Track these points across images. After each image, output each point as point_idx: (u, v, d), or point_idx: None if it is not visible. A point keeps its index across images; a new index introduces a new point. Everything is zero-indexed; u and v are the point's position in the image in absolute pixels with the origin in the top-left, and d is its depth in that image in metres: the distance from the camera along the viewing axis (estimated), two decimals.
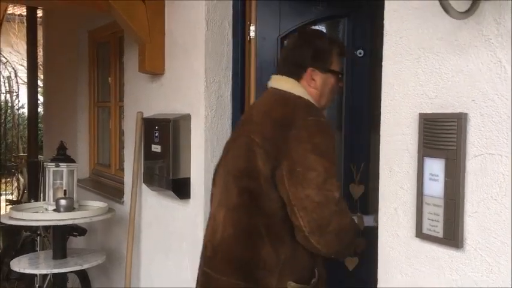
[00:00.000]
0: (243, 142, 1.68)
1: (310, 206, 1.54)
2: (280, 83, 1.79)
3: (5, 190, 6.99)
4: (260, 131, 1.65)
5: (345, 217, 1.60)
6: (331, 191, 1.55)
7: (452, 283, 1.21)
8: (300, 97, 1.73)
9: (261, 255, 1.62)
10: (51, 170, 3.07)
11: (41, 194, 4.91)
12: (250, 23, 2.50)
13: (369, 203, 2.53)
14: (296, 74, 1.77)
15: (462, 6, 1.10)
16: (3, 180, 6.98)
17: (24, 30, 8.80)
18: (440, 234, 1.23)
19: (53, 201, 3.02)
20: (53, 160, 3.12)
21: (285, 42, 1.88)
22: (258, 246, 1.63)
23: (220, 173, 1.80)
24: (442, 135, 1.22)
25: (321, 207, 1.54)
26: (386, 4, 1.39)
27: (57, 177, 3.08)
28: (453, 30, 1.19)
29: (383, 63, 1.41)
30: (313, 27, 2.55)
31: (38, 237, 4.07)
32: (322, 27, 2.59)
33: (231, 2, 2.53)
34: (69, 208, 2.95)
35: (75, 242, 3.89)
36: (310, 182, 1.54)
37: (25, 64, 7.92)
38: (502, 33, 1.09)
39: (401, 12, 1.34)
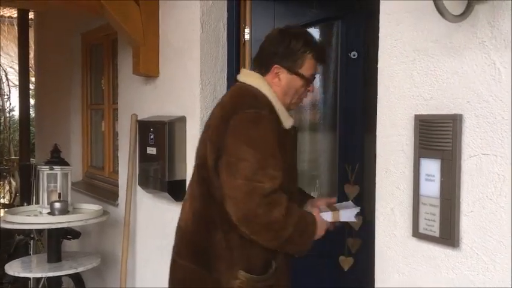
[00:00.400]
0: (203, 134, 1.78)
1: (238, 196, 1.57)
2: (245, 76, 1.82)
3: None
4: (213, 124, 1.73)
5: (276, 210, 1.59)
6: (261, 182, 1.56)
7: (448, 282, 1.23)
8: (257, 90, 1.74)
9: (214, 242, 1.69)
10: (45, 173, 3.06)
11: (33, 197, 4.89)
12: (245, 25, 2.52)
13: (364, 202, 2.54)
14: (263, 69, 1.79)
15: (457, 10, 1.12)
16: None
17: (13, 32, 8.75)
18: (437, 234, 1.24)
19: (48, 204, 3.01)
20: (47, 163, 3.11)
21: (266, 35, 1.86)
22: (211, 233, 1.70)
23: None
24: (437, 136, 1.24)
25: (247, 198, 1.56)
26: (382, 7, 1.41)
27: (51, 180, 3.07)
28: (448, 32, 1.21)
29: (378, 65, 1.43)
30: (308, 29, 2.58)
31: (32, 240, 4.05)
32: (316, 29, 2.61)
33: (226, 4, 2.54)
34: (64, 211, 2.94)
35: (68, 245, 3.87)
36: (241, 173, 1.57)
37: (15, 66, 7.86)
38: (496, 36, 1.12)
39: (396, 15, 1.36)
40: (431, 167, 1.25)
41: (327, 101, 2.64)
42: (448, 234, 1.21)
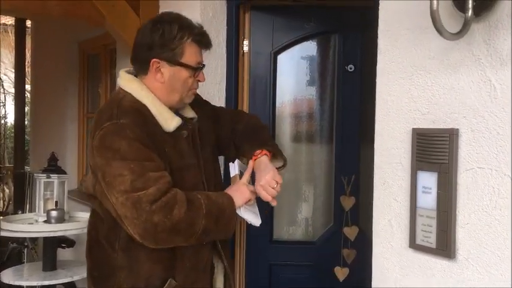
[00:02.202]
0: None
1: (127, 213, 1.45)
2: (122, 81, 1.64)
3: None
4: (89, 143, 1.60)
5: (175, 209, 1.46)
6: (143, 189, 1.44)
7: None
8: (122, 97, 1.58)
9: (100, 263, 1.63)
10: (42, 181, 3.06)
11: (27, 206, 4.87)
12: (244, 38, 2.56)
13: (359, 214, 2.58)
14: (143, 67, 1.60)
15: (454, 28, 1.16)
16: None
17: (8, 40, 8.72)
18: (433, 245, 1.27)
19: (44, 212, 3.01)
20: (44, 171, 3.11)
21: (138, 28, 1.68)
22: (98, 253, 1.64)
23: None
24: (434, 150, 1.27)
25: (135, 211, 1.43)
26: (380, 23, 1.45)
27: (47, 188, 3.08)
28: (445, 50, 1.25)
29: (377, 79, 1.46)
30: (305, 42, 2.63)
31: (25, 249, 4.03)
32: (314, 42, 2.66)
33: (226, 17, 2.58)
34: (61, 219, 2.95)
35: (61, 254, 3.85)
36: (119, 189, 1.45)
37: (9, 74, 7.83)
38: (492, 54, 1.15)
39: (394, 31, 1.40)
40: (428, 180, 1.28)
41: (324, 113, 2.68)
42: (445, 246, 1.24)
